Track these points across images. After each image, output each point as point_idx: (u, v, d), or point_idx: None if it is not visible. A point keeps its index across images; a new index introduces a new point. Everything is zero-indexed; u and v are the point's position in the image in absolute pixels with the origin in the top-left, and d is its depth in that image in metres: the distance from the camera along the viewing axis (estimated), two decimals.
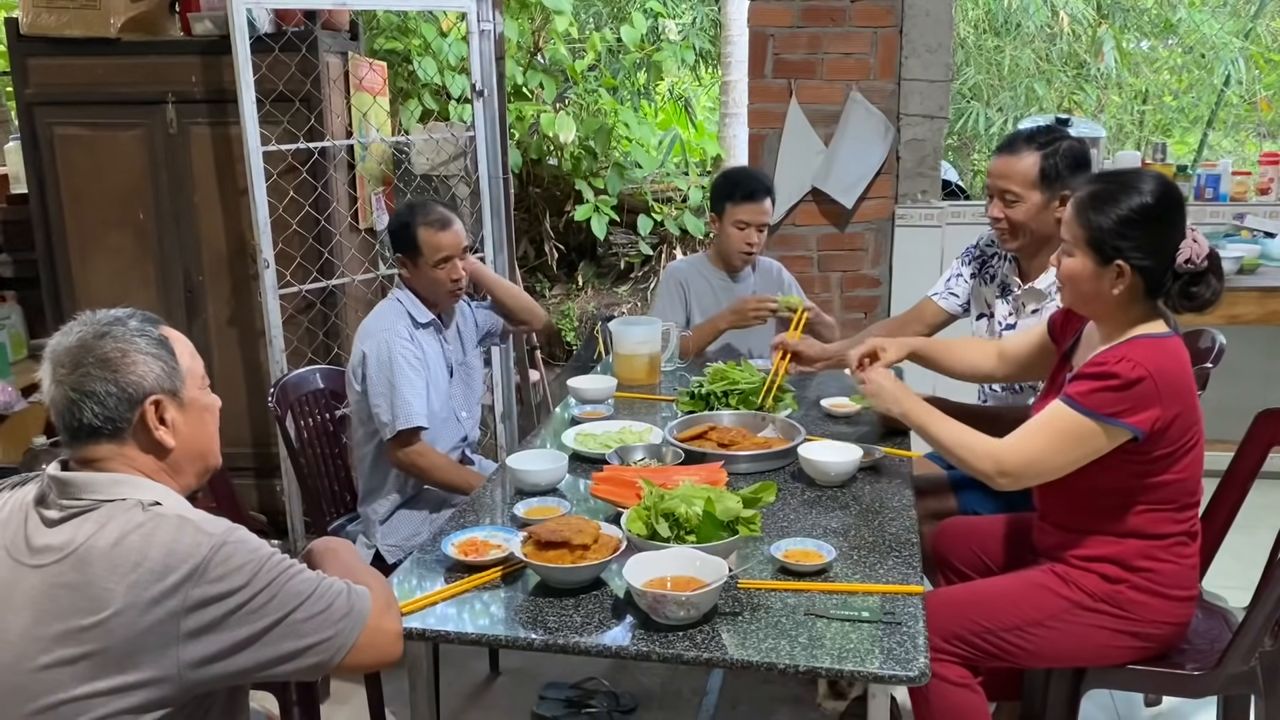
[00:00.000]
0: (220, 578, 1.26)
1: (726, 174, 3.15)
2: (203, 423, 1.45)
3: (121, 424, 1.35)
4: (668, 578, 1.58)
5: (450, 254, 2.60)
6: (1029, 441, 1.82)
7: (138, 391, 1.35)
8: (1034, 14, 5.98)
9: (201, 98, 3.37)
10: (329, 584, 1.38)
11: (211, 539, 1.27)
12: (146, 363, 1.36)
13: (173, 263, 3.49)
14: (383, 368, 2.50)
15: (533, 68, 5.92)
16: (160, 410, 1.37)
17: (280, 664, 1.32)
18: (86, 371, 1.33)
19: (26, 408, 3.70)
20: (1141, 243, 1.78)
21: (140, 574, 1.24)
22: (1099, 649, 1.89)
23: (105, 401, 1.33)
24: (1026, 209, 2.31)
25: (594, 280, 6.31)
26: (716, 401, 2.49)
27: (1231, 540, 2.20)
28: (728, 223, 3.00)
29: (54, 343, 1.37)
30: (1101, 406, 1.75)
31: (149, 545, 1.25)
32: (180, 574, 1.24)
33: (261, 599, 1.29)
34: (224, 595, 1.26)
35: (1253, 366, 3.90)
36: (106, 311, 1.41)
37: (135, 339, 1.36)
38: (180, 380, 1.40)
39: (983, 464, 1.85)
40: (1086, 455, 1.79)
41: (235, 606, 1.27)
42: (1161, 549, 1.85)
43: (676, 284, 3.15)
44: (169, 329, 1.43)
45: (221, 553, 1.27)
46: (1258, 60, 6.23)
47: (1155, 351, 1.77)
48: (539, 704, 2.66)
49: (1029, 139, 2.33)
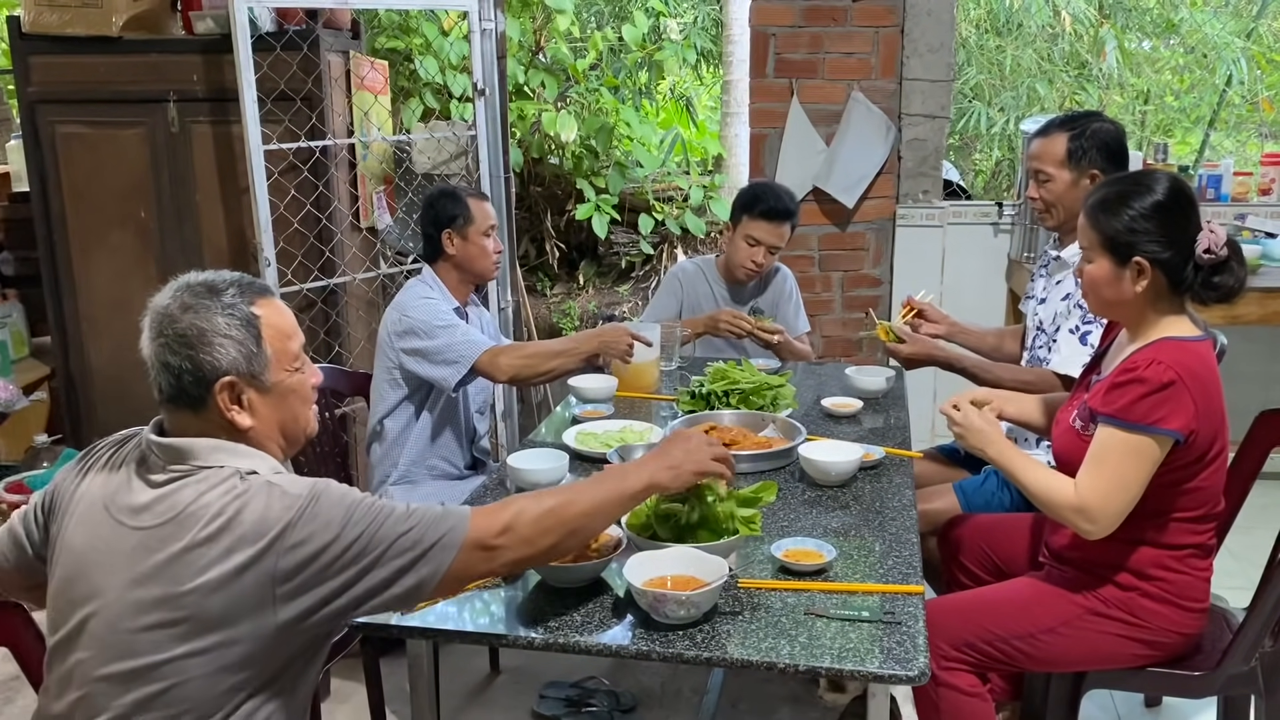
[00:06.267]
0: (308, 538, 1.26)
1: (754, 186, 3.10)
2: (288, 404, 1.42)
3: (196, 400, 1.34)
4: (668, 577, 1.58)
5: (494, 223, 2.72)
6: (1095, 479, 1.76)
7: (212, 372, 1.33)
8: (1036, 14, 5.97)
9: (203, 96, 3.37)
10: (423, 512, 1.35)
11: (299, 500, 1.28)
12: (224, 345, 1.33)
13: (174, 261, 3.49)
14: (437, 315, 2.56)
15: (534, 66, 5.91)
16: (236, 391, 1.35)
17: (375, 596, 1.32)
18: (165, 343, 1.33)
19: (28, 405, 3.71)
20: (1156, 236, 1.77)
21: (232, 540, 1.25)
22: (1108, 656, 1.88)
23: (180, 377, 1.33)
24: (1056, 187, 2.39)
25: (595, 279, 6.30)
26: (717, 401, 2.49)
27: (1232, 541, 2.20)
28: (740, 234, 2.98)
29: (154, 300, 1.37)
30: (1145, 416, 1.72)
31: (243, 512, 1.26)
32: (269, 538, 1.25)
33: (354, 550, 1.28)
34: (314, 555, 1.27)
35: (1254, 367, 3.90)
36: (214, 275, 1.39)
37: (217, 317, 1.34)
38: (263, 364, 1.37)
39: (1067, 515, 1.79)
40: (1151, 469, 1.75)
41: (327, 562, 1.27)
42: (1176, 559, 1.84)
43: (677, 283, 3.17)
44: (270, 303, 1.40)
45: (308, 512, 1.27)
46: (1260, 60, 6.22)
47: (1182, 354, 1.75)
48: (539, 703, 2.66)
49: (1061, 123, 2.41)
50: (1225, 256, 1.77)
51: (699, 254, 5.89)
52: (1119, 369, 1.80)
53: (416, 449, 2.68)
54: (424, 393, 2.67)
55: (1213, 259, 1.76)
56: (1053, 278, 2.52)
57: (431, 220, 2.67)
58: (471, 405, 2.80)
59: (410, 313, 2.58)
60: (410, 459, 2.68)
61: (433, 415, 2.69)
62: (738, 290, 3.14)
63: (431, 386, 2.64)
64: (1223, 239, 1.77)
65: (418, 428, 2.67)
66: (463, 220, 2.65)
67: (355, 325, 3.67)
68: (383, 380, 2.66)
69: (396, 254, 3.98)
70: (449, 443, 2.73)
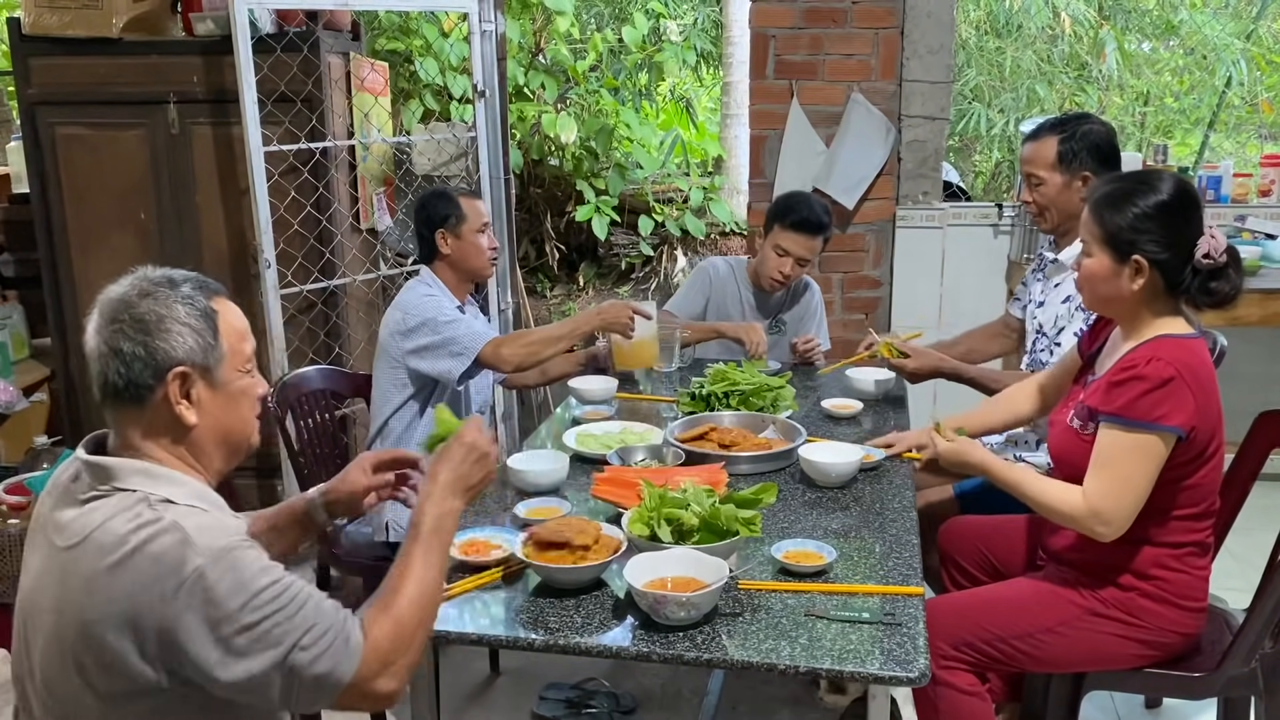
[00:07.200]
0: (195, 608, 1.18)
1: (789, 195, 3.07)
2: (235, 406, 1.36)
3: (143, 390, 1.28)
4: (668, 578, 1.58)
5: (488, 220, 2.74)
6: (1104, 482, 1.76)
7: (165, 360, 1.28)
8: (1035, 15, 5.97)
9: (203, 98, 3.37)
10: (322, 630, 1.24)
11: (201, 559, 1.19)
12: (181, 333, 1.29)
13: (174, 262, 3.40)
14: (441, 311, 2.58)
15: (534, 68, 5.91)
16: (186, 385, 1.30)
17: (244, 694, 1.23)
18: (120, 328, 1.28)
19: (28, 407, 3.71)
20: (1157, 236, 1.77)
21: (126, 583, 1.19)
22: (1108, 656, 1.88)
23: (131, 364, 1.27)
24: (1049, 191, 2.39)
25: (595, 281, 6.30)
26: (717, 402, 2.49)
27: (1232, 542, 2.20)
28: (770, 243, 2.97)
29: (105, 291, 1.32)
30: (1147, 414, 1.72)
31: (139, 552, 1.19)
32: (160, 591, 1.18)
33: (243, 639, 1.19)
34: (206, 621, 1.18)
35: (1254, 368, 3.90)
36: (168, 270, 1.35)
37: (177, 305, 1.30)
38: (217, 358, 1.32)
39: (1081, 521, 1.78)
40: (1158, 467, 1.75)
41: (211, 634, 1.19)
42: (1174, 558, 1.84)
43: (706, 279, 3.15)
44: (225, 303, 1.37)
45: (208, 577, 1.18)
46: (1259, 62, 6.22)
47: (1180, 350, 1.76)
48: (539, 704, 2.66)
49: (1052, 126, 2.41)
50: (1224, 263, 1.77)
51: (699, 255, 5.89)
52: (1117, 366, 1.80)
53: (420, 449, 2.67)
54: (428, 391, 2.67)
55: (1211, 264, 1.76)
56: (1050, 280, 2.52)
57: (425, 221, 2.68)
58: (473, 405, 2.80)
59: (413, 310, 2.59)
60: None
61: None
62: (764, 298, 3.13)
63: (435, 384, 2.64)
64: (1223, 245, 1.77)
65: (421, 426, 2.68)
66: (455, 219, 2.66)
67: (355, 327, 3.67)
68: (386, 380, 2.67)
69: (396, 255, 3.98)
70: None
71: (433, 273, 2.71)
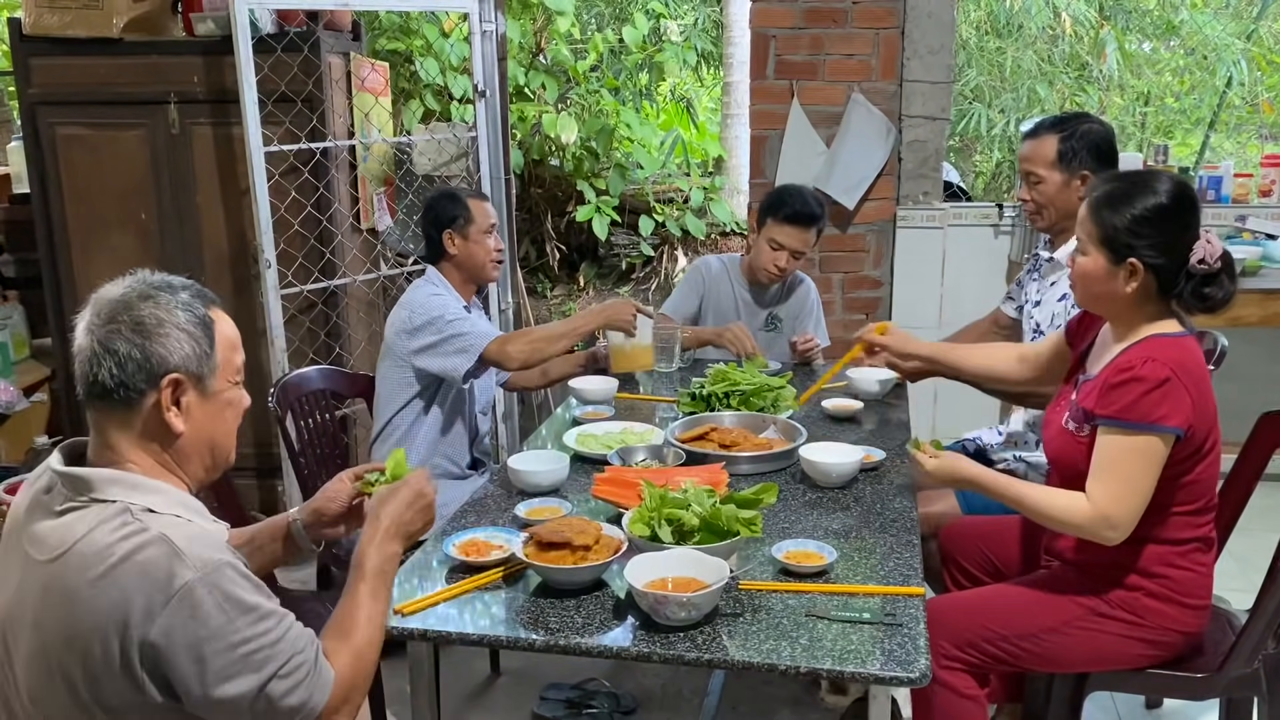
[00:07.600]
0: (181, 624, 1.17)
1: (781, 189, 3.07)
2: (222, 417, 1.36)
3: (134, 393, 1.27)
4: (669, 579, 1.58)
5: (495, 222, 2.74)
6: (1108, 486, 1.76)
7: (160, 365, 1.27)
8: (1036, 15, 5.97)
9: (204, 98, 3.37)
10: (300, 660, 1.26)
11: (190, 573, 1.18)
12: (180, 339, 1.29)
13: (175, 263, 3.49)
14: (448, 310, 2.59)
15: (534, 68, 5.91)
16: (178, 391, 1.29)
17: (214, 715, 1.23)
18: (117, 329, 1.27)
19: (29, 407, 3.71)
20: (1155, 241, 1.77)
21: (114, 594, 1.17)
22: (1111, 656, 1.88)
23: (125, 365, 1.26)
24: (1047, 189, 2.39)
25: (595, 281, 6.30)
26: (718, 403, 2.49)
27: (1234, 542, 2.20)
28: (764, 237, 2.96)
29: (101, 291, 1.31)
30: (1146, 415, 1.72)
31: (126, 563, 1.18)
32: (147, 604, 1.17)
33: (224, 660, 1.19)
34: (190, 638, 1.18)
35: (1254, 369, 3.89)
36: (165, 275, 1.35)
37: (177, 311, 1.29)
38: (210, 368, 1.32)
39: (1088, 528, 1.77)
40: (1159, 467, 1.75)
41: (193, 652, 1.18)
42: (1178, 555, 1.84)
43: (700, 279, 3.15)
44: (220, 313, 1.37)
45: (196, 593, 1.18)
46: (1260, 62, 6.23)
47: (1174, 349, 1.76)
48: (540, 705, 2.66)
49: (1051, 125, 2.41)
50: (1217, 269, 1.77)
51: (699, 255, 5.89)
52: (1113, 368, 1.80)
53: (423, 449, 2.68)
54: (432, 390, 2.67)
55: (1205, 270, 1.77)
56: (1046, 279, 2.52)
57: (432, 222, 2.69)
58: (476, 405, 2.81)
59: (420, 309, 2.60)
60: (416, 459, 2.67)
61: (441, 412, 2.70)
62: (759, 293, 3.13)
63: (440, 384, 2.65)
64: (1218, 251, 1.77)
65: (426, 425, 2.68)
66: (463, 220, 2.67)
67: (355, 327, 3.67)
68: (390, 379, 2.67)
69: (397, 255, 3.98)
70: (454, 441, 2.74)
71: (439, 273, 2.72)
